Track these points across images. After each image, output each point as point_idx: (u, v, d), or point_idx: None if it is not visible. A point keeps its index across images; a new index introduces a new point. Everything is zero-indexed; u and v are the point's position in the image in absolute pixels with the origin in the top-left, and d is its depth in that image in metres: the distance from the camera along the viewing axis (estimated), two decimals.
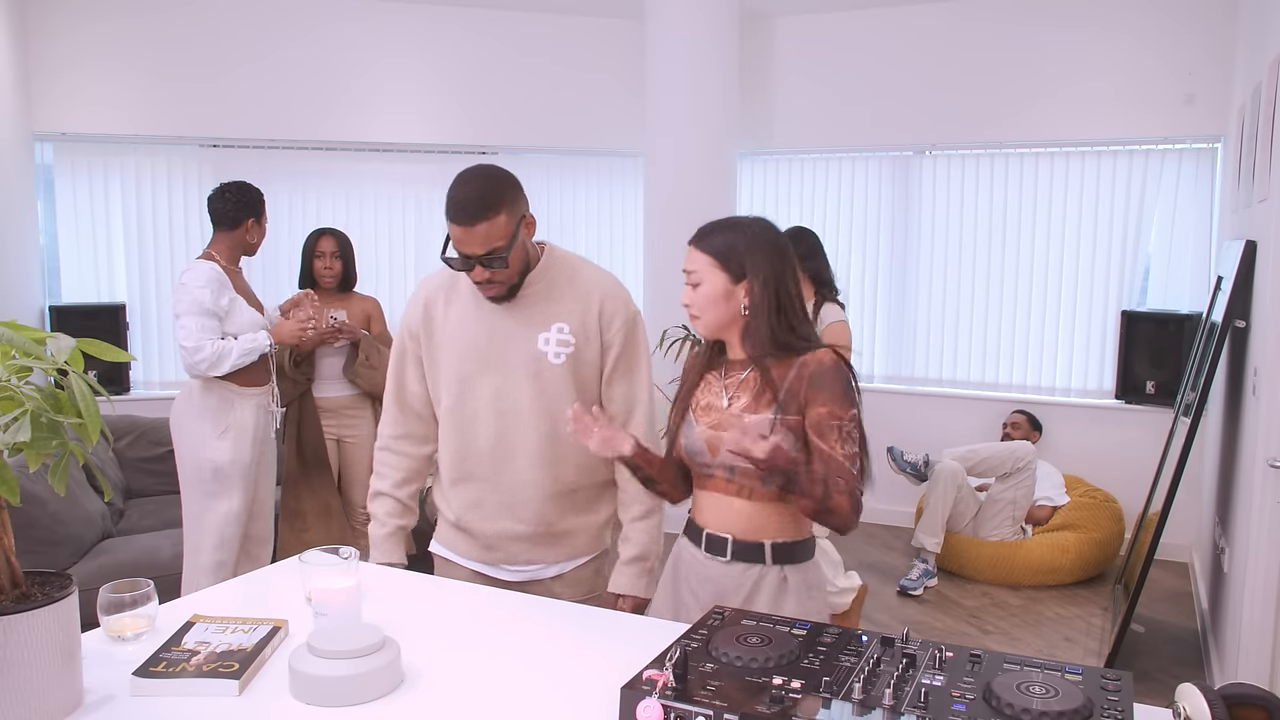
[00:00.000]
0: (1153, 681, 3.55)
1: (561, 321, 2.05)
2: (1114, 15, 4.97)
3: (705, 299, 1.83)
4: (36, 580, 1.37)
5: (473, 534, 2.13)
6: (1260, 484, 2.87)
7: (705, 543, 1.89)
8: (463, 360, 2.06)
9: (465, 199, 1.91)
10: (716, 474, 1.86)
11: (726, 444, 1.72)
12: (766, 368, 1.81)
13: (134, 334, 5.23)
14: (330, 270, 3.87)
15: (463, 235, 1.92)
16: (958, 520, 4.69)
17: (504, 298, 2.03)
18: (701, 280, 1.83)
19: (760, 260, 1.80)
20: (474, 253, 1.93)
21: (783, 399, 1.79)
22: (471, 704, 1.43)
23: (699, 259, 1.84)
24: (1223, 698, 1.19)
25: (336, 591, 1.61)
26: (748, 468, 1.78)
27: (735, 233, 1.83)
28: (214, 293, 3.18)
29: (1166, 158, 5.02)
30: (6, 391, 1.25)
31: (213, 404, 3.24)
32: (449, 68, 5.59)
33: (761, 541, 1.85)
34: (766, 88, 5.78)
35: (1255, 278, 3.28)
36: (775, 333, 1.81)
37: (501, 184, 1.95)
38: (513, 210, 1.94)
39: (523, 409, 2.05)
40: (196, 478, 3.26)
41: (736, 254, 1.81)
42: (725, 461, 1.83)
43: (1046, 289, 5.31)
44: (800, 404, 1.79)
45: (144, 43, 5.09)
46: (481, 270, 1.96)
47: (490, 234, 1.91)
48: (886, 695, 1.25)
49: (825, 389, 1.77)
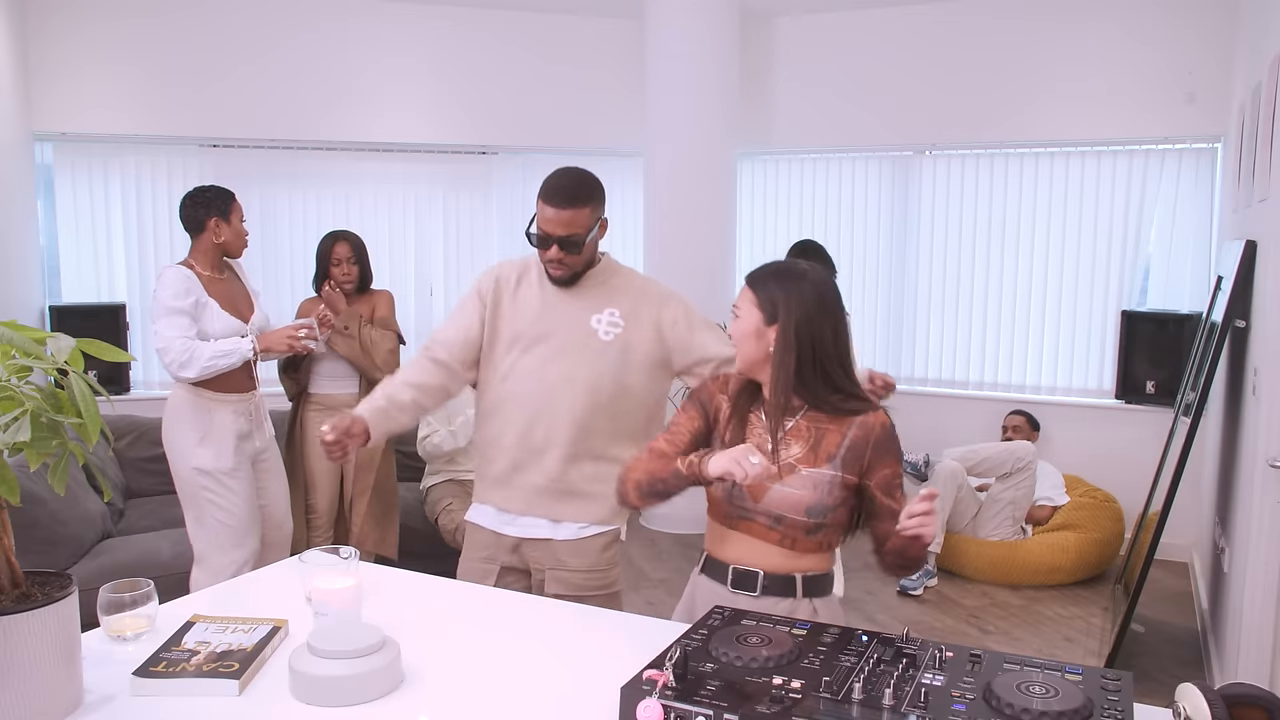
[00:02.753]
0: (1153, 681, 3.55)
1: (614, 307, 2.29)
2: (1113, 15, 4.97)
3: (739, 333, 1.85)
4: (36, 580, 1.37)
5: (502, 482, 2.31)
6: (1260, 484, 2.87)
7: (731, 578, 1.85)
8: (521, 327, 2.29)
9: (564, 185, 2.21)
10: (757, 520, 1.83)
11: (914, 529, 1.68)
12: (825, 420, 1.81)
13: (134, 334, 5.23)
14: (348, 276, 3.87)
15: (553, 216, 2.18)
16: (958, 520, 4.69)
17: (566, 282, 2.27)
18: (740, 313, 1.85)
19: (794, 306, 1.79)
20: (556, 233, 2.19)
21: (844, 456, 1.79)
22: (471, 704, 1.43)
23: (745, 295, 1.86)
24: (1223, 698, 1.19)
25: (336, 591, 1.62)
26: (797, 519, 1.78)
27: (783, 277, 1.83)
28: (177, 293, 3.16)
29: (1166, 158, 5.02)
30: (6, 391, 1.25)
31: (189, 410, 3.22)
32: (449, 68, 5.59)
33: (793, 575, 1.82)
34: (766, 88, 5.78)
35: (1255, 278, 3.28)
36: (808, 384, 1.80)
37: (595, 183, 2.27)
38: (596, 208, 2.25)
39: (569, 376, 2.25)
40: (183, 483, 3.25)
41: (774, 296, 1.81)
42: (771, 510, 1.80)
43: (1046, 289, 5.31)
44: (863, 466, 1.80)
45: (144, 43, 5.09)
46: (557, 250, 2.20)
47: (575, 220, 2.19)
48: (886, 695, 1.25)
49: (890, 452, 1.82)
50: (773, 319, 1.80)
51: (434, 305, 5.78)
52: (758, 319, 1.82)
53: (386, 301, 4.00)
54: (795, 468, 1.80)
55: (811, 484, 1.78)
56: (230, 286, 3.38)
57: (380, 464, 3.91)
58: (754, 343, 1.82)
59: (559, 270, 2.25)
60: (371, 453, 3.86)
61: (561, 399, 2.25)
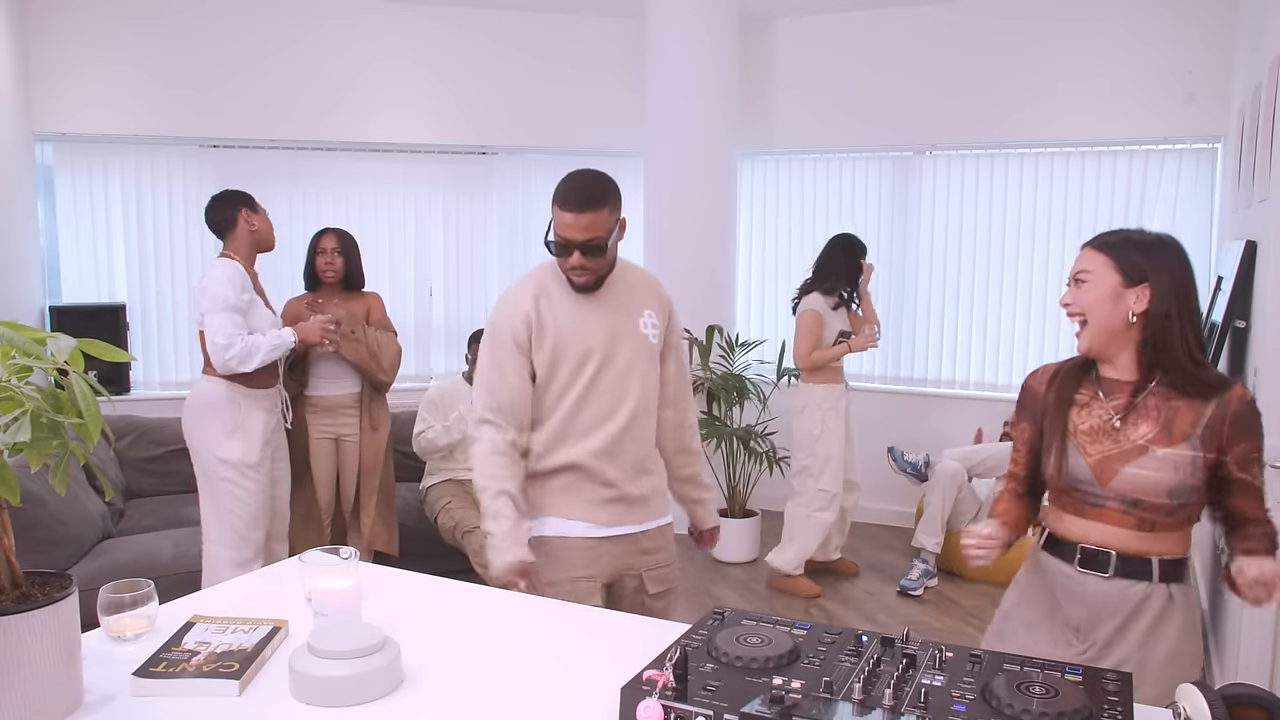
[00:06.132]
0: None
1: (648, 309, 2.31)
2: (1113, 15, 4.97)
3: (1092, 298, 1.72)
4: (37, 580, 1.37)
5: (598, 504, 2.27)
6: None
7: (1080, 557, 1.76)
8: (584, 347, 2.21)
9: (579, 189, 2.14)
10: (1109, 505, 1.74)
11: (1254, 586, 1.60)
12: (1176, 396, 1.71)
13: (134, 334, 5.23)
14: (331, 266, 3.87)
15: (571, 221, 2.12)
16: (958, 520, 4.68)
17: (590, 287, 2.22)
18: (1091, 278, 1.73)
19: (1163, 266, 1.69)
20: (577, 239, 2.12)
21: (1202, 434, 1.69)
22: (471, 704, 1.43)
23: (1095, 258, 1.74)
24: (1223, 698, 1.19)
25: (336, 591, 1.61)
26: (1157, 501, 1.69)
27: (1139, 238, 1.74)
28: (237, 289, 3.25)
29: (1166, 158, 5.02)
30: (7, 391, 1.25)
31: (222, 404, 3.28)
32: (449, 68, 5.59)
33: (1149, 557, 1.73)
34: (766, 88, 5.78)
35: (1255, 278, 3.28)
36: (1174, 350, 1.69)
37: (610, 183, 2.19)
38: (616, 208, 2.18)
39: (638, 385, 2.26)
40: (209, 475, 3.30)
41: (1136, 257, 1.71)
42: (1123, 493, 1.72)
43: (1047, 289, 5.31)
44: (1220, 443, 1.70)
45: (144, 43, 5.09)
46: (580, 256, 2.14)
47: (595, 224, 2.12)
48: (886, 695, 1.25)
49: (1250, 428, 1.70)
50: (1137, 279, 1.69)
51: (434, 305, 5.78)
52: (1115, 281, 1.70)
53: (380, 304, 4.01)
54: (1147, 449, 1.71)
55: (1171, 465, 1.69)
56: (259, 283, 3.48)
57: (382, 464, 3.93)
58: (1110, 306, 1.70)
59: (583, 277, 2.18)
60: (378, 454, 3.88)
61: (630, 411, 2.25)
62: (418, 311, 5.73)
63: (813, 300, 4.41)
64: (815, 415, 4.43)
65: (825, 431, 4.43)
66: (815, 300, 4.40)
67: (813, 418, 4.44)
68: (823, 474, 4.45)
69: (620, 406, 2.24)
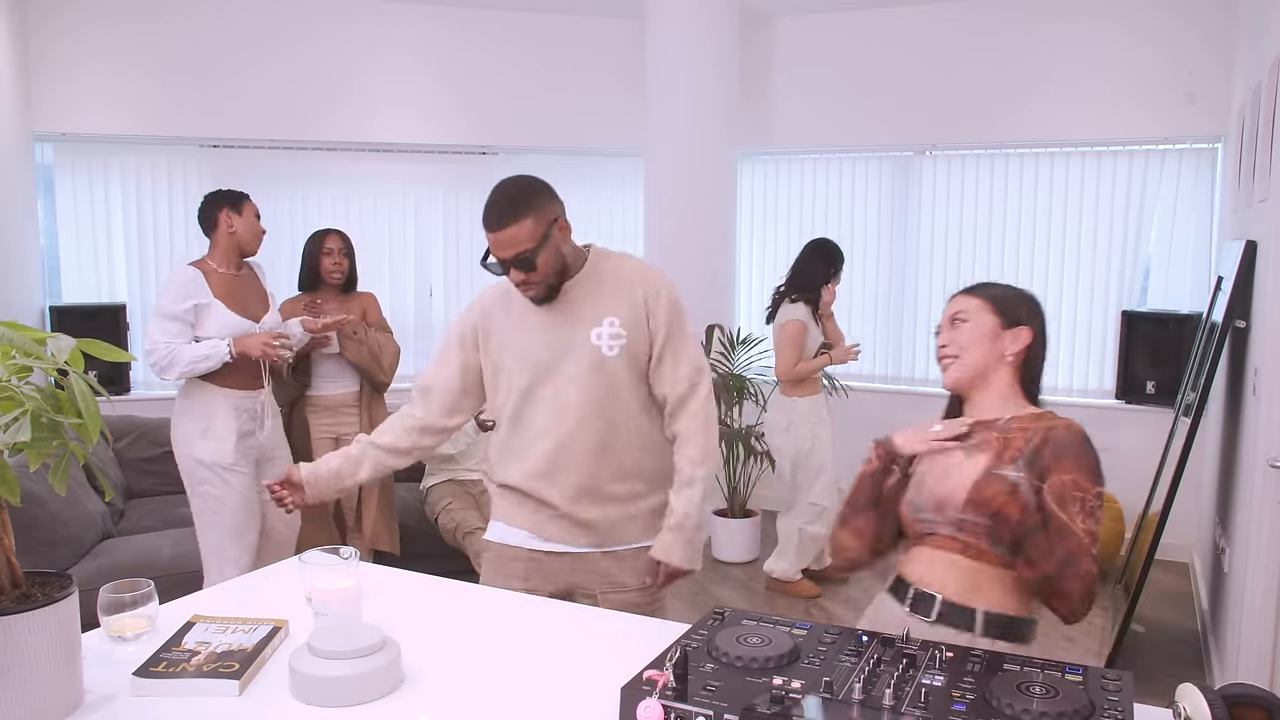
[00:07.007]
0: (1153, 681, 3.54)
1: (612, 315, 2.16)
2: (1113, 15, 4.97)
3: (970, 337, 1.84)
4: (37, 580, 1.37)
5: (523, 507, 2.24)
6: (1260, 484, 2.87)
7: (911, 599, 1.78)
8: (523, 361, 2.18)
9: (491, 205, 2.07)
10: (940, 530, 1.77)
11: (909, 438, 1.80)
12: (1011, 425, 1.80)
13: (134, 334, 5.22)
14: (339, 267, 3.87)
15: (491, 240, 2.07)
16: None
17: (544, 298, 2.15)
18: (970, 318, 1.85)
19: (1035, 315, 1.86)
20: (502, 256, 2.07)
21: (1028, 456, 1.71)
22: (471, 704, 1.43)
23: (970, 302, 1.87)
24: (1223, 698, 1.19)
25: (336, 591, 1.61)
26: (978, 522, 1.70)
27: (1010, 289, 1.89)
28: (175, 297, 3.20)
29: (1166, 158, 5.02)
30: (7, 391, 1.25)
31: (192, 404, 3.28)
32: (449, 68, 5.59)
33: (973, 608, 1.72)
34: (766, 88, 5.78)
35: (1255, 278, 3.28)
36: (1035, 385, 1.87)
37: (528, 191, 2.09)
38: (541, 215, 2.07)
39: (581, 402, 2.14)
40: (190, 477, 3.30)
41: (1012, 303, 1.85)
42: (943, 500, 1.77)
43: (1046, 289, 5.30)
44: (1042, 469, 1.69)
45: (144, 43, 5.09)
46: (516, 272, 2.08)
47: (516, 238, 2.05)
48: (886, 695, 1.25)
49: (1071, 457, 1.69)
50: (1012, 322, 1.84)
51: (434, 305, 5.78)
52: (993, 323, 1.83)
53: (376, 304, 4.02)
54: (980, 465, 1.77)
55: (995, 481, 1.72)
56: (245, 285, 3.40)
57: None
58: (989, 345, 1.83)
59: (530, 290, 2.13)
60: None
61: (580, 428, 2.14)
62: (418, 311, 5.73)
63: (797, 310, 4.32)
64: (804, 430, 4.40)
65: (815, 444, 4.41)
66: (799, 310, 4.32)
67: (802, 433, 4.40)
68: (813, 487, 4.43)
69: (558, 423, 2.15)
